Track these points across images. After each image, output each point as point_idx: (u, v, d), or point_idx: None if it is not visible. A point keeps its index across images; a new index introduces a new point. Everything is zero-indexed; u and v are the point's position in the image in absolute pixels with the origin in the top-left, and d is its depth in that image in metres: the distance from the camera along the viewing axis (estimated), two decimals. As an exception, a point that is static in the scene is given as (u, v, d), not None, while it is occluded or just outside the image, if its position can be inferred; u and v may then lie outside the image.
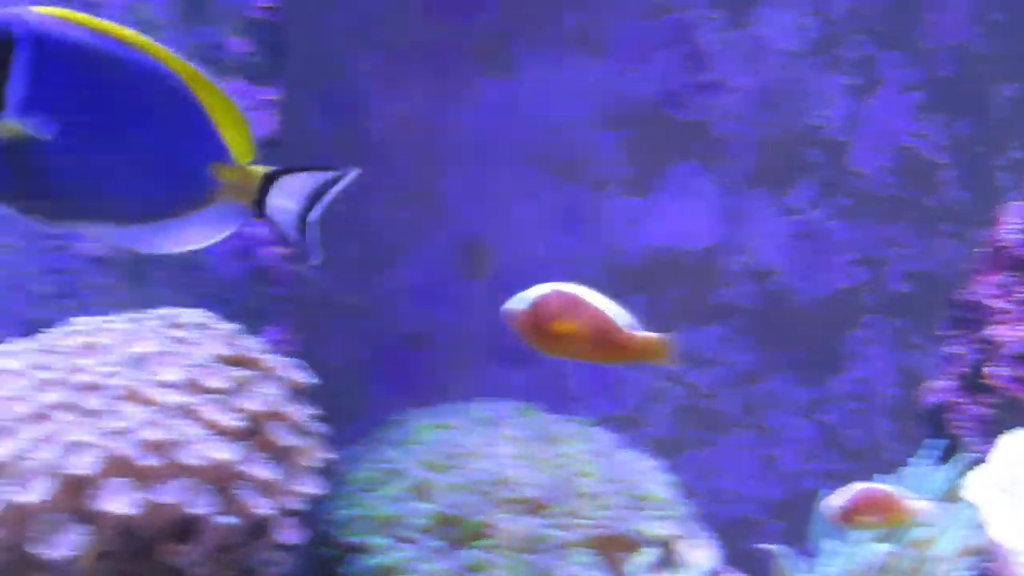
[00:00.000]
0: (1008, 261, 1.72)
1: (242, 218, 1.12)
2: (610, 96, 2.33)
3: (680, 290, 2.34)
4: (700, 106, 2.33)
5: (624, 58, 2.33)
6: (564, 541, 1.49)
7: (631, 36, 2.32)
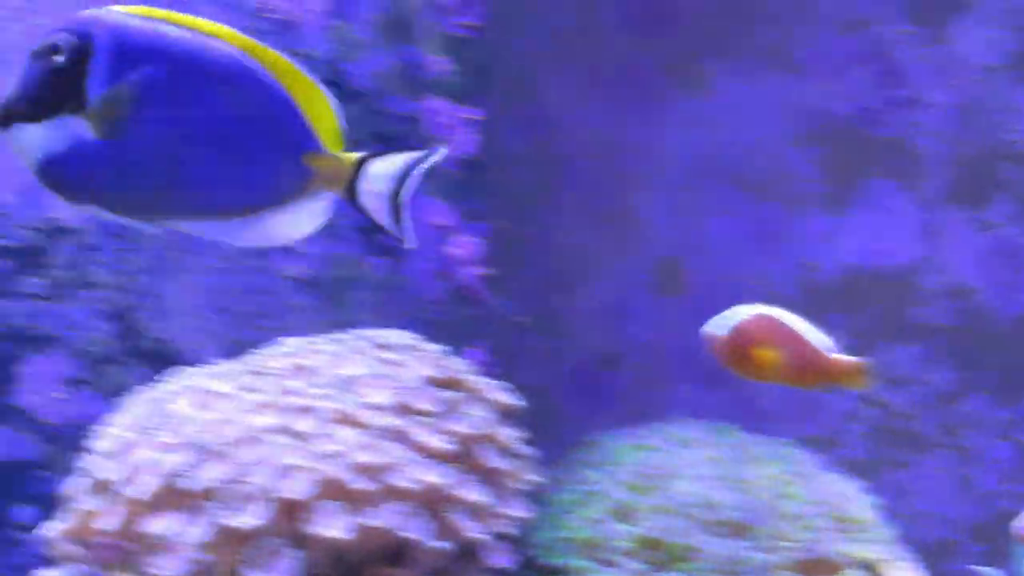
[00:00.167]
0: None
1: (334, 207, 1.13)
2: (804, 112, 2.32)
3: (875, 308, 2.31)
4: (895, 122, 2.30)
5: (819, 74, 2.31)
6: (769, 564, 1.47)
7: (825, 51, 2.30)
